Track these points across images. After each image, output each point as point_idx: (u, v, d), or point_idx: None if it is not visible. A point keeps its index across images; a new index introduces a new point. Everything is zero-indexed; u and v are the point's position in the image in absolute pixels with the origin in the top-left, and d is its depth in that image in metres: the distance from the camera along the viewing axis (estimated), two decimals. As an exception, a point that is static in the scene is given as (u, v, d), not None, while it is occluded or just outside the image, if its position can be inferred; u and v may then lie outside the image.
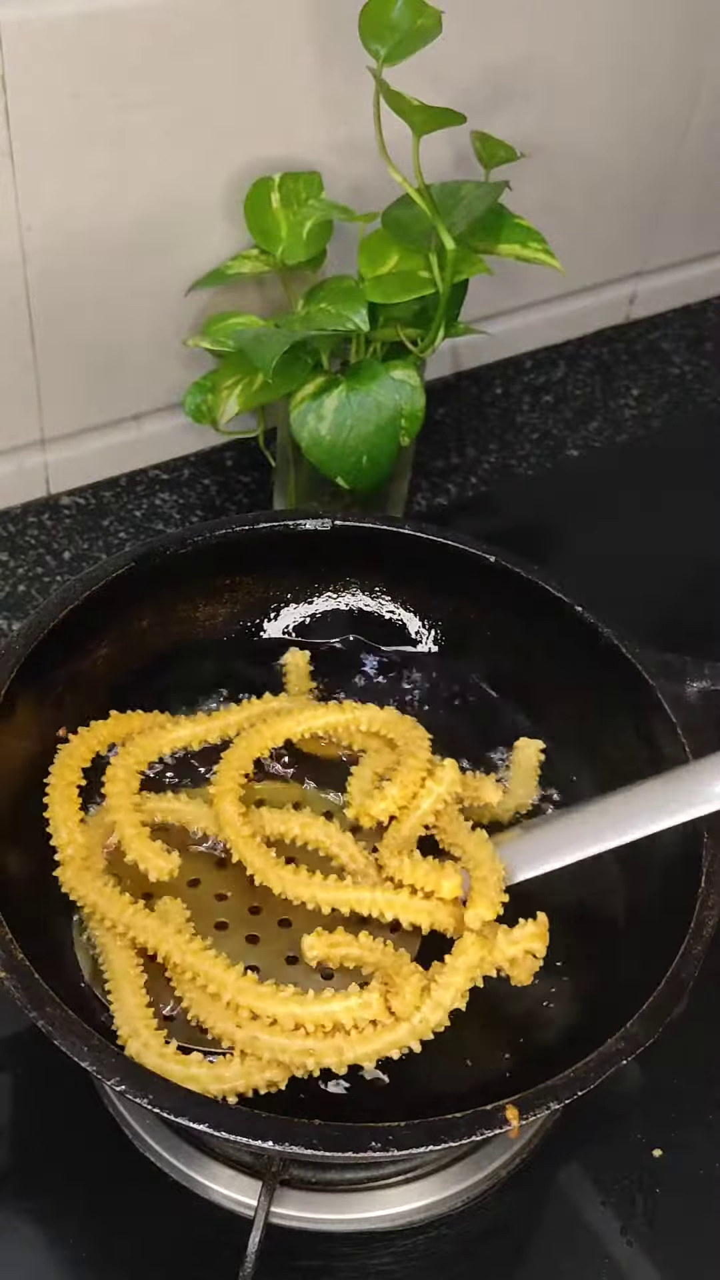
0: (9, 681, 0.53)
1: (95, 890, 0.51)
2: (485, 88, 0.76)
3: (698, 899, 0.49)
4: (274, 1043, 0.47)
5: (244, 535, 0.61)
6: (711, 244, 0.99)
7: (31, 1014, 0.44)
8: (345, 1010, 0.47)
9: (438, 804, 0.54)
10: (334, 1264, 0.51)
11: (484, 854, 0.52)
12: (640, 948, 0.51)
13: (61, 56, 0.61)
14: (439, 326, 0.65)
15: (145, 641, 0.61)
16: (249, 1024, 0.47)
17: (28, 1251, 0.50)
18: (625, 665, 0.57)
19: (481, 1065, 0.50)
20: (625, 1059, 0.44)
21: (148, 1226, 0.51)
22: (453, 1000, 0.48)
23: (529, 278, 0.73)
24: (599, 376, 0.94)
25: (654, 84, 0.84)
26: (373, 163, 0.61)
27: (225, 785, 0.54)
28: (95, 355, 0.73)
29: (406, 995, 0.47)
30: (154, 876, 0.52)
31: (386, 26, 0.59)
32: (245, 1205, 0.51)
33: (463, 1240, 0.52)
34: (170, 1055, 0.47)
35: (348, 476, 0.65)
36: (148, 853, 0.52)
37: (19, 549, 0.75)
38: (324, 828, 0.53)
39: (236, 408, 0.67)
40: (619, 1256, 0.52)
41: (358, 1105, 0.48)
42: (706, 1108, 0.56)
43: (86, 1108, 0.53)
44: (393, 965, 0.49)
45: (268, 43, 0.67)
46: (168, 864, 0.52)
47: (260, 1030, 0.47)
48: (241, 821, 0.53)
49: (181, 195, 0.69)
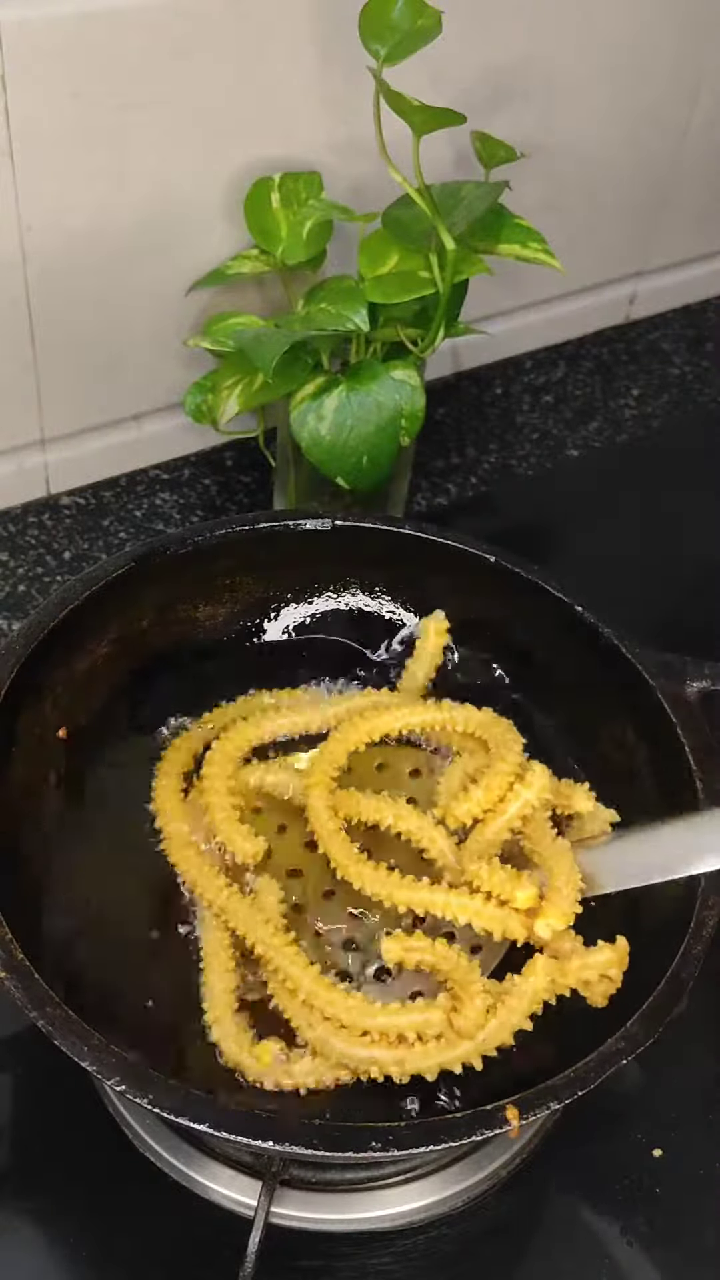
0: (9, 681, 0.53)
1: (195, 868, 0.53)
2: (485, 88, 0.76)
3: (698, 899, 0.49)
4: (342, 1048, 0.48)
5: (244, 535, 0.61)
6: (711, 244, 0.99)
7: (31, 1014, 0.43)
8: (410, 1025, 0.48)
9: (525, 809, 0.53)
10: (334, 1264, 0.51)
11: (563, 863, 0.52)
12: (640, 948, 0.51)
13: (61, 56, 0.61)
14: (439, 326, 0.65)
15: (145, 641, 0.61)
16: (320, 1024, 0.48)
17: (28, 1251, 0.50)
18: (625, 665, 0.57)
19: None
20: (625, 1059, 0.44)
21: (148, 1226, 0.51)
22: (518, 1022, 0.48)
23: (529, 278, 0.73)
24: (599, 376, 0.94)
25: (654, 84, 0.84)
26: (373, 163, 0.61)
27: (318, 777, 0.55)
28: (95, 355, 0.73)
29: (470, 1014, 0.48)
30: (240, 859, 0.54)
31: (386, 26, 0.59)
32: (245, 1205, 0.51)
33: (463, 1240, 0.52)
34: (247, 1046, 0.48)
35: (348, 476, 0.65)
36: (235, 835, 0.54)
37: (19, 549, 0.75)
38: (418, 820, 0.53)
39: (236, 408, 0.67)
40: (619, 1256, 0.52)
41: (357, 1103, 0.48)
42: (706, 1108, 0.56)
43: (86, 1108, 0.53)
44: (462, 979, 0.49)
45: (268, 43, 0.67)
46: (254, 847, 0.54)
47: (330, 1033, 0.48)
48: (329, 816, 0.54)
49: (181, 195, 0.69)
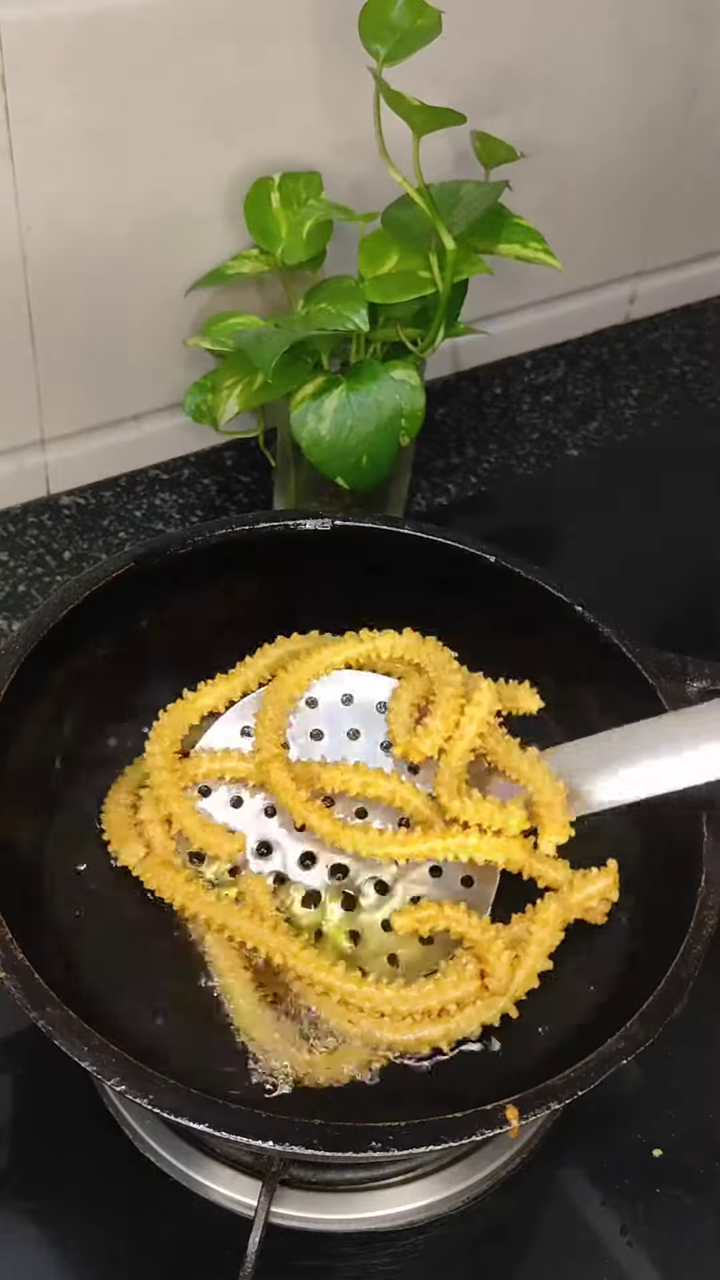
0: (9, 681, 0.53)
1: (183, 893, 0.52)
2: (485, 88, 0.76)
3: (698, 899, 0.49)
4: (390, 1037, 0.48)
5: (244, 535, 0.61)
6: (711, 244, 0.99)
7: (31, 1014, 0.43)
8: (452, 999, 0.49)
9: (481, 727, 0.53)
10: (334, 1264, 0.51)
11: (541, 776, 0.52)
12: (640, 947, 0.51)
13: (61, 56, 0.61)
14: (439, 326, 0.65)
15: (145, 641, 0.61)
16: (362, 1019, 0.49)
17: (28, 1251, 0.50)
18: (625, 665, 0.57)
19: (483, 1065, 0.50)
20: (625, 1059, 0.44)
21: (148, 1226, 0.51)
22: (540, 965, 0.49)
23: (529, 278, 0.73)
24: (599, 376, 0.94)
25: (653, 84, 0.84)
26: (373, 163, 0.61)
27: (269, 750, 0.53)
28: (95, 355, 0.73)
29: (499, 973, 0.49)
30: (224, 859, 0.53)
31: (386, 26, 0.59)
32: (245, 1205, 0.51)
33: (463, 1240, 0.52)
34: (295, 1040, 0.49)
35: (348, 476, 0.65)
36: (211, 838, 0.53)
37: (19, 549, 0.75)
38: (387, 783, 0.53)
39: (236, 408, 0.67)
40: (619, 1256, 0.52)
41: (357, 1103, 0.48)
42: (706, 1108, 0.56)
43: (86, 1108, 0.53)
44: (480, 939, 0.49)
45: (268, 42, 0.67)
46: (233, 845, 0.53)
47: (375, 1025, 0.48)
48: (295, 789, 0.52)
49: (181, 195, 0.69)
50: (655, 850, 0.54)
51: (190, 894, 0.51)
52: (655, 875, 0.54)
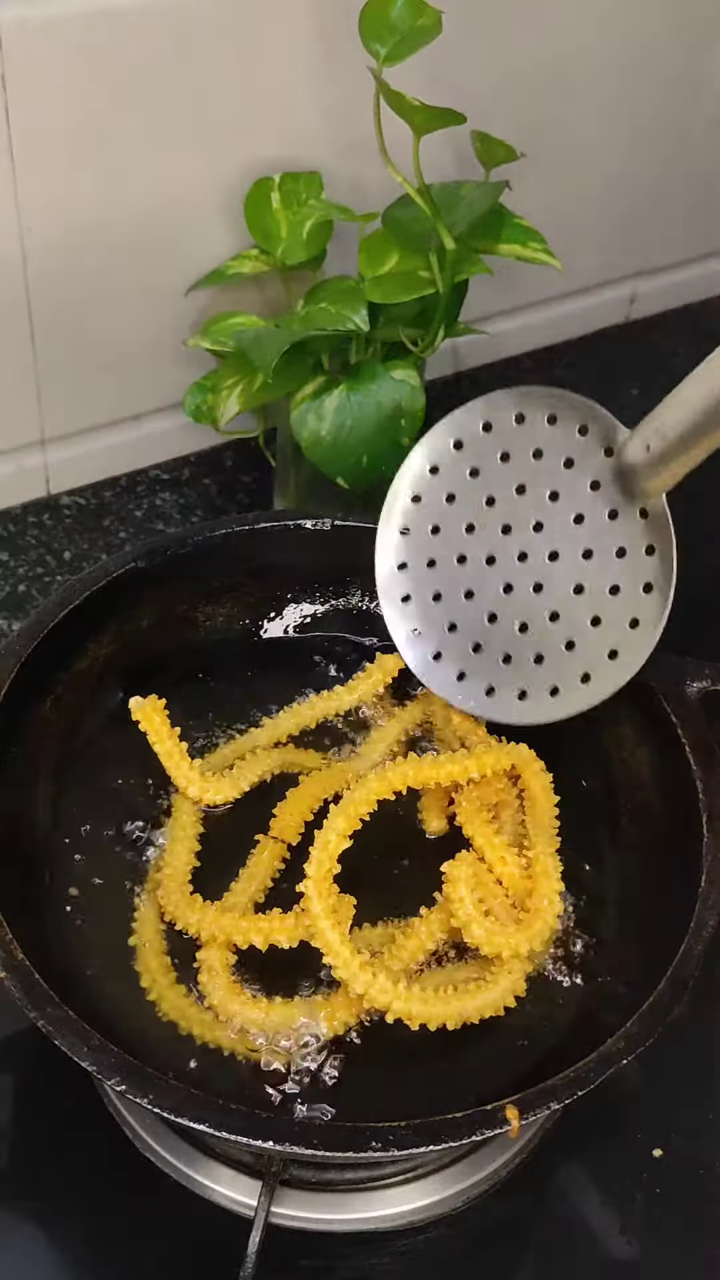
0: (9, 681, 0.53)
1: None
2: (485, 88, 0.76)
3: (698, 899, 0.49)
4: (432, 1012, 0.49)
5: (244, 535, 0.61)
6: (711, 244, 0.99)
7: (31, 1014, 0.43)
8: (498, 1000, 0.49)
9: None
10: (334, 1264, 0.51)
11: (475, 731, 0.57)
12: (640, 948, 0.51)
13: (61, 56, 0.61)
14: (439, 326, 0.65)
15: (145, 641, 0.61)
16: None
17: (28, 1251, 0.50)
18: (625, 665, 0.57)
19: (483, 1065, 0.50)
20: (625, 1059, 0.44)
21: (148, 1226, 0.51)
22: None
23: (529, 278, 0.73)
24: (599, 376, 0.94)
25: (654, 84, 0.84)
26: (373, 163, 0.61)
27: (320, 872, 0.49)
28: (95, 355, 0.73)
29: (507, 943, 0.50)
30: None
31: (386, 26, 0.59)
32: (245, 1205, 0.51)
33: (463, 1240, 0.52)
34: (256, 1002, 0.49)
35: (348, 476, 0.65)
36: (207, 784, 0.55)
37: (19, 549, 0.75)
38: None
39: (236, 408, 0.67)
40: (619, 1256, 0.52)
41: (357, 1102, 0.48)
42: (706, 1108, 0.56)
43: (86, 1108, 0.53)
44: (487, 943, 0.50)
45: (268, 42, 0.67)
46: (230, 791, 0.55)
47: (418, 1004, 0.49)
48: (333, 922, 0.49)
49: (181, 195, 0.69)
50: (655, 850, 0.54)
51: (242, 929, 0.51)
52: (655, 875, 0.54)
